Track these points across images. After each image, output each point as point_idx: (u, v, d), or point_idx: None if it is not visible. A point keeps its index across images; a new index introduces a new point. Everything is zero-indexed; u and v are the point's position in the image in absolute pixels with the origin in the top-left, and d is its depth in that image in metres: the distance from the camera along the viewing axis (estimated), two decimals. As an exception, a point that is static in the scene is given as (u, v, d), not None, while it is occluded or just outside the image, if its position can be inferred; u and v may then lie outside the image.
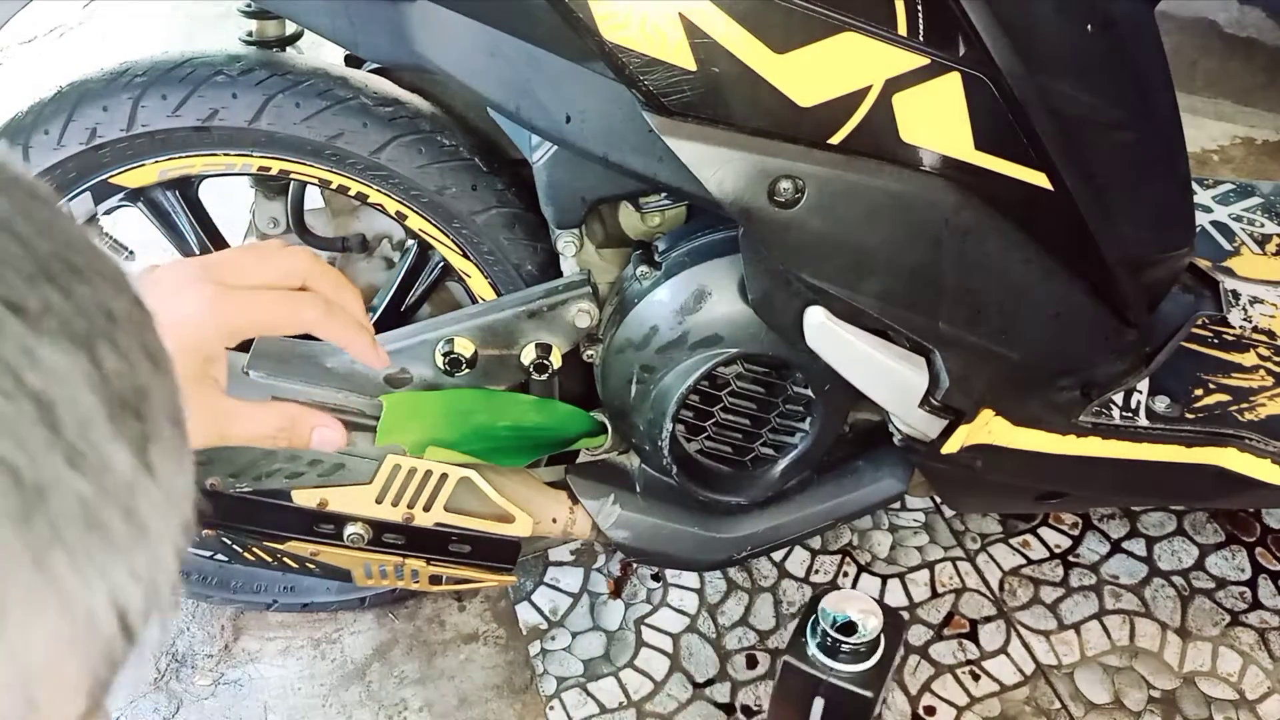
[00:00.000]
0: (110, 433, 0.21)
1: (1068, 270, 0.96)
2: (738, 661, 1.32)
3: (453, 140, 1.04)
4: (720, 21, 0.80)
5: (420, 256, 1.17)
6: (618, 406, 1.08)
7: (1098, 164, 0.93)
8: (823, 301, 0.94)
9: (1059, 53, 0.90)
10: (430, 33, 0.90)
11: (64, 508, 0.20)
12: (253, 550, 1.10)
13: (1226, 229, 1.37)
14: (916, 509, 1.50)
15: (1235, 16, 2.25)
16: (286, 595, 1.33)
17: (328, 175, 1.03)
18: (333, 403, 1.03)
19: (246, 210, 1.20)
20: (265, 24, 1.06)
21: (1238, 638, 1.36)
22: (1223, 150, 2.18)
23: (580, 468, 1.16)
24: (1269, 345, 1.22)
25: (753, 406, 1.09)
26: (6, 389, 0.19)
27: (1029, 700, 1.30)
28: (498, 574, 1.15)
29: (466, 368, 1.04)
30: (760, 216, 0.87)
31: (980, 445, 1.06)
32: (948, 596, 1.40)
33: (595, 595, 1.39)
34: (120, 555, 0.21)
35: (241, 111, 0.99)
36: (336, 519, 1.08)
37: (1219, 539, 1.48)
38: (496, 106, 0.93)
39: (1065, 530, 1.49)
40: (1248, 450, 1.12)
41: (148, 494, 0.22)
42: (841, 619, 0.81)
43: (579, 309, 1.03)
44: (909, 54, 0.83)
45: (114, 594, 0.22)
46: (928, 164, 0.87)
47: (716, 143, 0.84)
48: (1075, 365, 1.04)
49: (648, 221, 1.05)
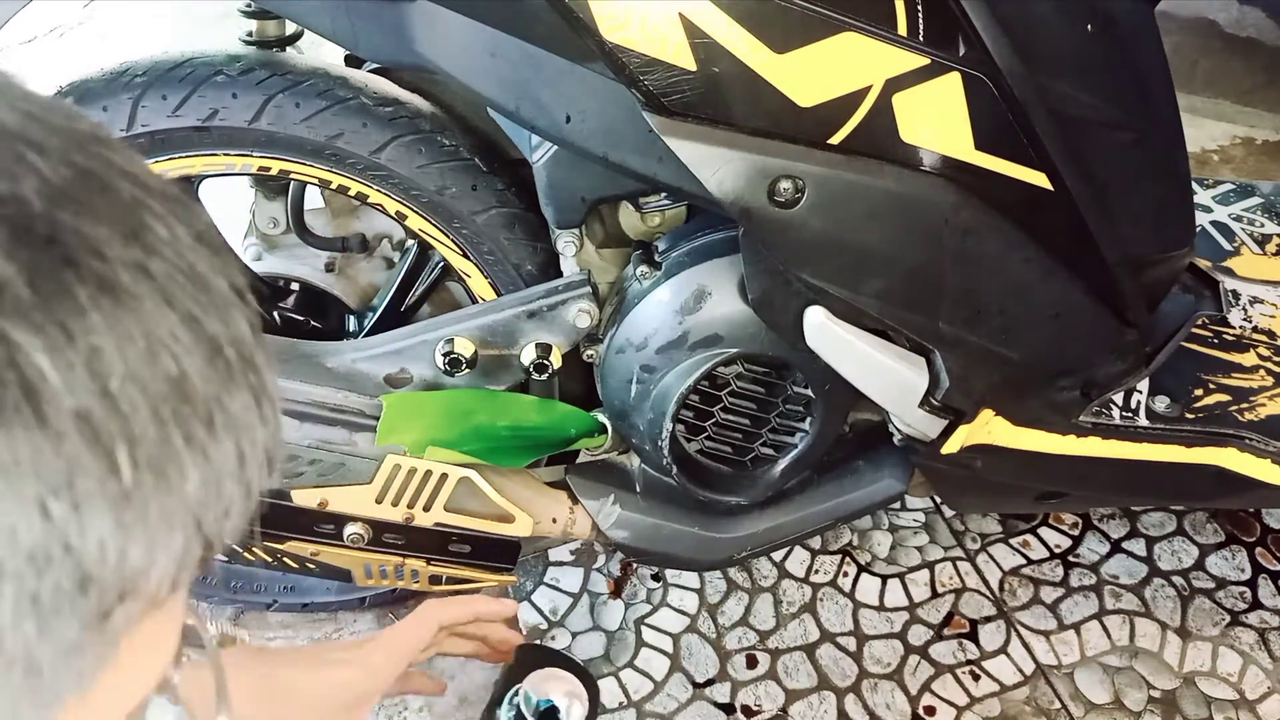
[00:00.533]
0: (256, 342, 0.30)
1: (1068, 270, 0.96)
2: (738, 661, 1.32)
3: (453, 140, 1.04)
4: (720, 21, 0.80)
5: (420, 256, 1.17)
6: (618, 406, 1.08)
7: (1098, 164, 0.93)
8: (823, 301, 0.94)
9: (1059, 53, 0.90)
10: (430, 33, 0.90)
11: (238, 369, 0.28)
12: (253, 550, 1.10)
13: (1226, 229, 1.37)
14: (916, 509, 1.50)
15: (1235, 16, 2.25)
16: (286, 595, 1.33)
17: (328, 175, 1.03)
18: (333, 403, 1.03)
19: (246, 210, 1.20)
20: (265, 24, 1.06)
21: (1238, 638, 1.36)
22: (1223, 150, 2.19)
23: (580, 468, 1.16)
24: (1269, 345, 1.22)
25: (753, 406, 1.09)
26: (207, 301, 0.28)
27: (1029, 700, 1.30)
28: (498, 574, 1.15)
29: (466, 368, 1.04)
30: (760, 216, 0.87)
31: (980, 445, 1.06)
32: (948, 596, 1.40)
33: (595, 595, 1.39)
34: (264, 423, 0.29)
35: (241, 111, 0.99)
36: (336, 519, 1.08)
37: (1219, 539, 1.48)
38: (496, 106, 0.93)
39: (1065, 530, 1.49)
40: (1248, 450, 1.12)
41: (272, 384, 0.30)
42: (544, 704, 0.74)
43: (579, 309, 1.03)
44: (909, 54, 0.83)
45: (260, 444, 0.29)
46: (928, 164, 0.87)
47: (716, 143, 0.84)
48: (1075, 365, 1.04)
49: (648, 221, 1.05)
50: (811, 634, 1.36)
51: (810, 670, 1.32)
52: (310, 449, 1.03)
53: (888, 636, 1.36)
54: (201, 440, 0.27)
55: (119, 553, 0.26)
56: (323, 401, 1.03)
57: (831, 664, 1.33)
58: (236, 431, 0.28)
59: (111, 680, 0.28)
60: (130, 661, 0.28)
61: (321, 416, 1.03)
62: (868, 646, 1.35)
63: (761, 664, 1.32)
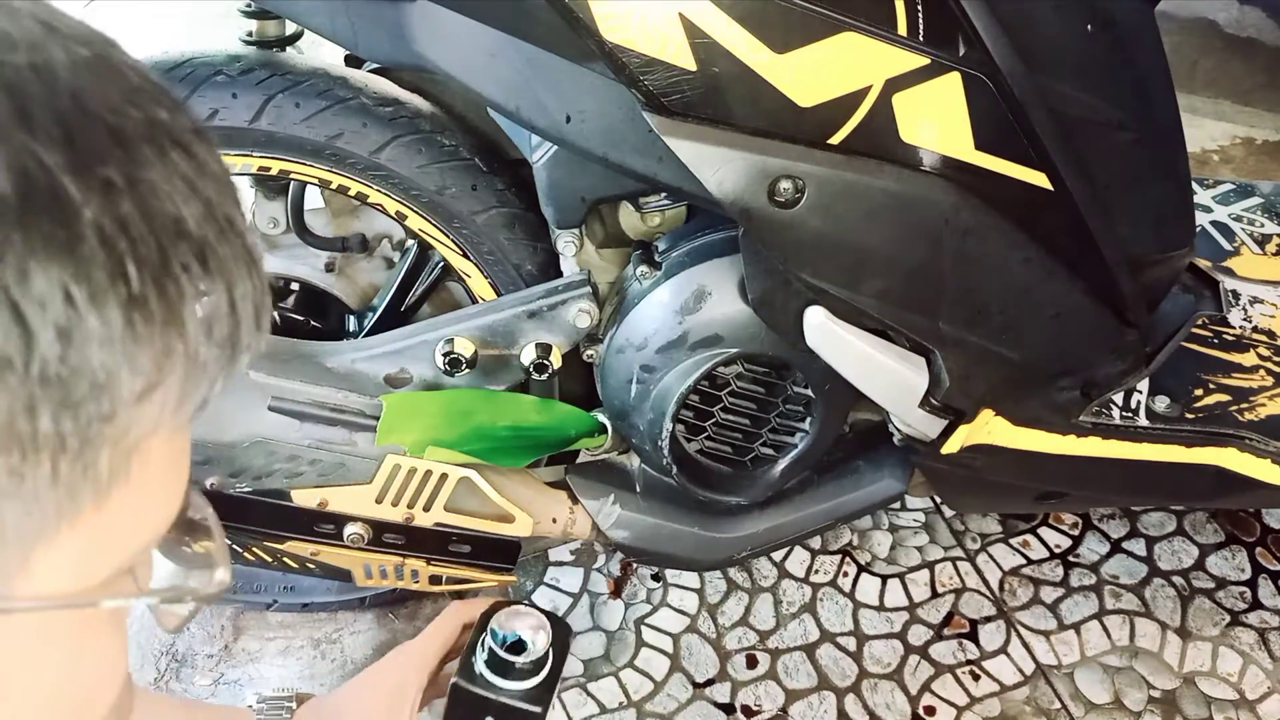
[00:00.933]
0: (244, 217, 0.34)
1: (1068, 270, 0.96)
2: (738, 661, 1.32)
3: (453, 140, 1.04)
4: (720, 21, 0.80)
5: (420, 256, 1.17)
6: (618, 406, 1.08)
7: (1098, 164, 0.93)
8: (823, 301, 0.94)
9: (1059, 53, 0.90)
10: (430, 33, 0.90)
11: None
12: (253, 550, 1.10)
13: (1226, 229, 1.37)
14: (916, 509, 1.50)
15: (1235, 16, 2.25)
16: (286, 595, 1.33)
17: (328, 175, 1.03)
18: (333, 403, 1.03)
19: (246, 210, 1.20)
20: (265, 24, 1.06)
21: (1238, 638, 1.36)
22: (1223, 150, 2.19)
23: (580, 468, 1.16)
24: (1269, 345, 1.22)
25: (753, 406, 1.09)
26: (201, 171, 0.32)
27: (1029, 700, 1.30)
28: (498, 574, 1.15)
29: (466, 368, 1.04)
30: (760, 216, 0.87)
31: (980, 445, 1.06)
32: (948, 596, 1.40)
33: (595, 595, 1.39)
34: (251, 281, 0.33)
35: (241, 111, 0.99)
36: (336, 519, 1.08)
37: (1219, 539, 1.48)
38: (496, 106, 0.93)
39: (1065, 530, 1.49)
40: (1248, 450, 1.12)
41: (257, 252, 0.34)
42: (511, 637, 0.80)
43: (579, 309, 1.03)
44: (909, 54, 0.83)
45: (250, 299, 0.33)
46: (928, 164, 0.87)
47: (716, 143, 0.84)
48: (1075, 365, 1.04)
49: (648, 221, 1.05)
50: (811, 634, 1.36)
51: (810, 670, 1.32)
52: (310, 449, 1.03)
53: (888, 636, 1.36)
54: (196, 273, 0.31)
55: (128, 360, 0.29)
56: (323, 401, 1.03)
57: (831, 664, 1.33)
58: (226, 276, 0.32)
59: (124, 502, 0.32)
60: (141, 485, 0.32)
61: (321, 416, 1.03)
62: (868, 646, 1.35)
63: (761, 664, 1.32)
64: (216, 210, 0.32)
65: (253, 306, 0.33)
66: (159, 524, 0.35)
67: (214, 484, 1.04)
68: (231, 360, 0.33)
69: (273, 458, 1.03)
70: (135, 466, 0.31)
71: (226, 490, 1.05)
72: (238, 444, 1.02)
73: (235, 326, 0.33)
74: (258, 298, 0.34)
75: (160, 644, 1.32)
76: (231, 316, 0.32)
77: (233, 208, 0.33)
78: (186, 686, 1.28)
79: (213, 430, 1.02)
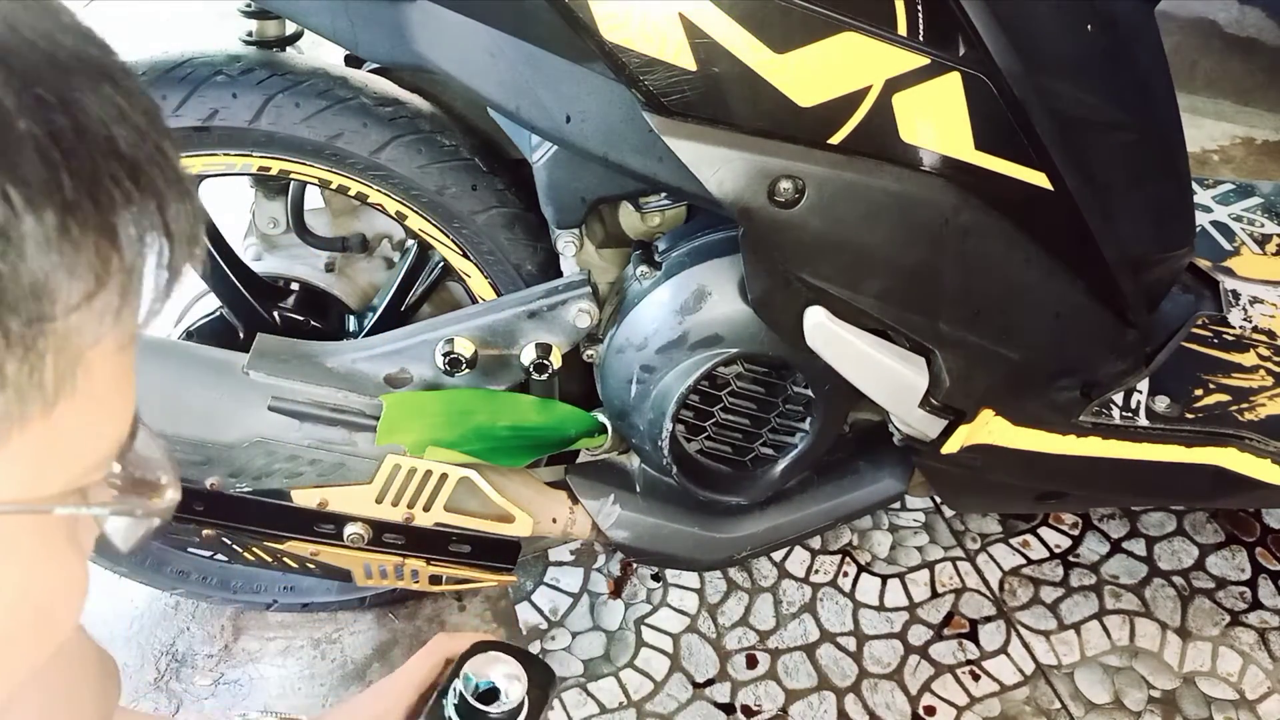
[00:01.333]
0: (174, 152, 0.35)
1: (1068, 270, 0.96)
2: (738, 661, 1.32)
3: (453, 140, 1.04)
4: (720, 21, 0.80)
5: (420, 256, 1.17)
6: (618, 406, 1.08)
7: (1098, 164, 0.93)
8: (823, 301, 0.94)
9: (1059, 53, 0.90)
10: (430, 33, 0.90)
11: None
12: (253, 550, 1.10)
13: (1226, 229, 1.37)
14: (916, 509, 1.50)
15: (1235, 16, 2.25)
16: (286, 595, 1.33)
17: (328, 175, 1.03)
18: (332, 403, 1.03)
19: (246, 210, 1.20)
20: (265, 24, 1.06)
21: (1238, 638, 1.36)
22: (1223, 150, 2.19)
23: (580, 468, 1.16)
24: (1269, 345, 1.22)
25: (753, 406, 1.09)
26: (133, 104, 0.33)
27: (1029, 700, 1.30)
28: (498, 574, 1.15)
29: (466, 368, 1.04)
30: (760, 216, 0.87)
31: (980, 445, 1.06)
32: (948, 596, 1.40)
33: (595, 595, 1.39)
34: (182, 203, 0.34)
35: (241, 111, 0.99)
36: (336, 519, 1.08)
37: (1219, 539, 1.48)
38: (496, 106, 0.93)
39: (1065, 530, 1.49)
40: (1248, 450, 1.12)
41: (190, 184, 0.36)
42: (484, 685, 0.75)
43: (579, 309, 1.03)
44: (909, 54, 0.83)
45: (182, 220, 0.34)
46: (928, 164, 0.87)
47: (716, 143, 0.84)
48: (1075, 365, 1.04)
49: (648, 221, 1.05)
50: (811, 634, 1.36)
51: (810, 670, 1.32)
52: (310, 449, 1.03)
53: (888, 636, 1.36)
54: (128, 188, 0.32)
55: (65, 264, 0.30)
56: (323, 401, 1.03)
57: (831, 664, 1.33)
58: (158, 196, 0.33)
59: (71, 414, 0.33)
60: (87, 399, 0.33)
61: (321, 416, 1.03)
62: (868, 646, 1.35)
63: (761, 664, 1.32)
64: (147, 137, 0.34)
65: (186, 228, 0.35)
66: (108, 442, 0.36)
67: (214, 484, 1.04)
68: (168, 281, 0.35)
69: (273, 458, 1.03)
70: (81, 378, 0.32)
71: (226, 490, 1.05)
72: (238, 444, 1.02)
73: (169, 245, 0.34)
74: (191, 221, 0.35)
75: (160, 644, 1.32)
76: (165, 236, 0.34)
77: (163, 138, 0.35)
78: (186, 686, 1.28)
79: (213, 430, 1.02)
